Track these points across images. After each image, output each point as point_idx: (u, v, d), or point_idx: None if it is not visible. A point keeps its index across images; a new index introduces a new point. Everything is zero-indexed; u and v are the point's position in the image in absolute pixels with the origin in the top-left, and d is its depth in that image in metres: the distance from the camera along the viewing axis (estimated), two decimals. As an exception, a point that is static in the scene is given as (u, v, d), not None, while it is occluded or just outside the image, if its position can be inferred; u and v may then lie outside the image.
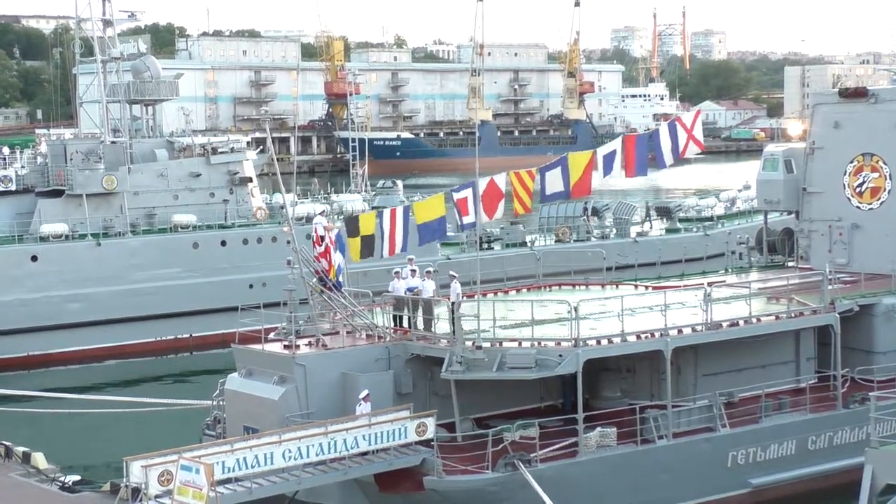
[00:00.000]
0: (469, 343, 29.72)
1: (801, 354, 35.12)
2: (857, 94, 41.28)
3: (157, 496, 24.94)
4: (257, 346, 30.89)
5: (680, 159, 36.24)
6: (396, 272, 32.31)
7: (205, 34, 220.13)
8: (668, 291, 33.63)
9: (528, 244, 63.80)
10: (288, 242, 31.02)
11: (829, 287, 34.96)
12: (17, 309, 54.21)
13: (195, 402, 36.62)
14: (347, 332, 31.69)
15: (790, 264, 42.65)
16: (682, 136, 34.81)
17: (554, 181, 33.68)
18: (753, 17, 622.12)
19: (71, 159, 57.82)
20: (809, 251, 41.82)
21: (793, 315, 34.15)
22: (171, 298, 57.18)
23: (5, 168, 58.73)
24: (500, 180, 33.45)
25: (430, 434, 28.71)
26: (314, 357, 30.00)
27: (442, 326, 31.08)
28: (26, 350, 54.47)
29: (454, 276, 31.55)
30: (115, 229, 57.13)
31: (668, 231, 69.83)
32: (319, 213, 36.69)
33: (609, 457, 29.93)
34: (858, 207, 40.72)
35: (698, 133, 35.04)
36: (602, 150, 34.23)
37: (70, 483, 28.95)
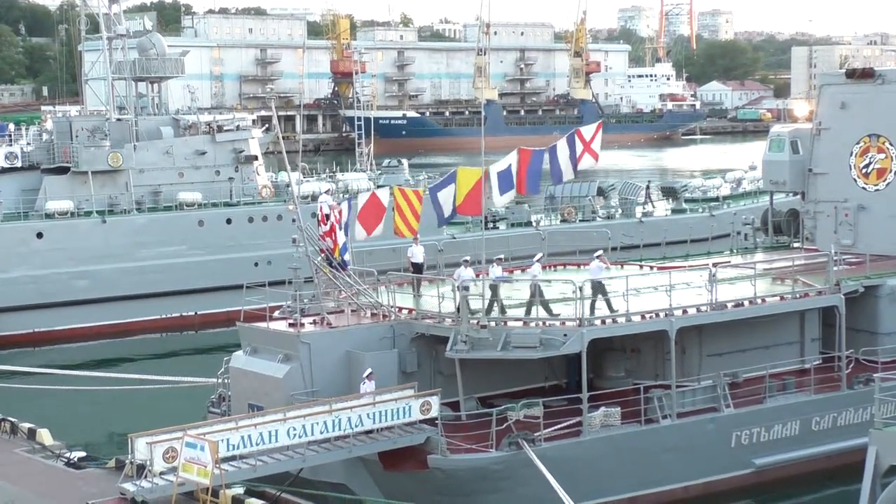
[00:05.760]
0: (474, 322, 29.72)
1: (805, 335, 35.09)
2: (864, 74, 41.06)
3: (161, 473, 25.03)
4: (262, 325, 30.89)
5: (575, 173, 35.78)
6: (465, 260, 31.83)
7: (211, 12, 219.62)
8: (673, 272, 33.61)
9: (534, 224, 63.77)
10: (293, 221, 31.08)
11: (835, 268, 34.93)
12: (23, 285, 54.31)
13: (200, 379, 36.72)
14: (352, 311, 31.68)
15: (795, 245, 42.58)
16: (579, 149, 34.40)
17: (446, 201, 33.14)
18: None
19: (76, 136, 57.81)
20: (815, 232, 41.74)
21: (798, 296, 34.13)
22: (176, 276, 57.26)
23: (11, 145, 58.75)
24: (384, 195, 33.03)
25: (434, 413, 28.73)
26: (319, 335, 30.03)
27: (447, 306, 31.01)
28: (32, 327, 54.60)
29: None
30: (120, 207, 57.16)
31: (674, 211, 69.68)
32: (325, 192, 36.70)
33: (613, 436, 29.95)
34: (864, 188, 40.59)
35: (596, 146, 34.43)
36: (496, 167, 33.60)
37: (75, 459, 28.99)
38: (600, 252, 32.94)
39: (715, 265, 34.37)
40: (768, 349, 34.20)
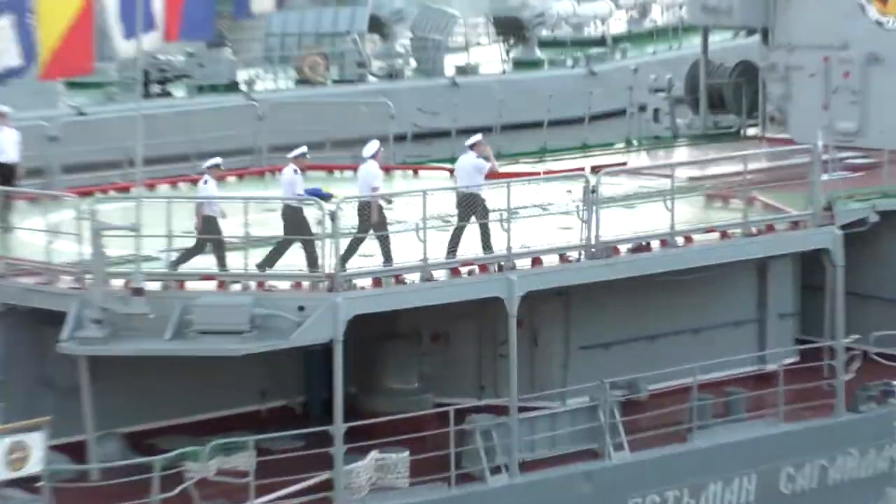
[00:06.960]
0: (118, 282, 29.10)
1: (769, 308, 36.33)
2: None
3: None
4: None
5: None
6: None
7: None
8: (514, 183, 33.32)
9: (243, 87, 64.38)
10: None
11: (825, 177, 35.40)
12: None
13: None
14: None
15: (750, 132, 43.88)
16: None
17: (5, 48, 33.11)
18: None
19: None
20: (788, 108, 42.70)
21: (754, 231, 34.55)
22: None
23: None
24: None
25: (35, 466, 28.11)
26: None
27: (66, 249, 30.52)
28: None
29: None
30: None
31: (519, 65, 71.18)
32: None
33: (396, 509, 30.11)
34: (879, 23, 41.35)
35: None
36: None
37: None
38: (477, 138, 33.02)
39: (596, 170, 34.74)
40: (697, 335, 34.99)
